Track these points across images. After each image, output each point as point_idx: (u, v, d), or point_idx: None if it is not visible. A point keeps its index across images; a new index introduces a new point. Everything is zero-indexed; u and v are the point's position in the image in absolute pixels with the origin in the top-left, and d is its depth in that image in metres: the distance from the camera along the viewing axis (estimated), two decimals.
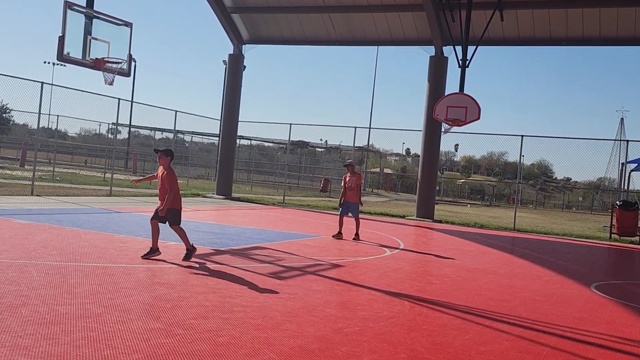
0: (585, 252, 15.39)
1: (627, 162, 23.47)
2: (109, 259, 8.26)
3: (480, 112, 19.27)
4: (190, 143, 47.75)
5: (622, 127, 73.46)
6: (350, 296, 7.15)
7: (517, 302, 7.75)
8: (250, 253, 10.02)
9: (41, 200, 16.46)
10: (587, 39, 21.59)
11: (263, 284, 7.37)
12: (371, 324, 5.90)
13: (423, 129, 22.55)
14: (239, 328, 5.31)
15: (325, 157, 58.61)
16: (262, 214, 18.87)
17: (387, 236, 14.86)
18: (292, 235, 13.44)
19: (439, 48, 22.31)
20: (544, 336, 6.05)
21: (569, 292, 8.86)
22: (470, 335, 5.79)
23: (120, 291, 6.36)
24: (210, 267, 8.31)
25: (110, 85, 14.36)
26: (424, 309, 6.88)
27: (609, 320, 7.07)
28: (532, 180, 73.05)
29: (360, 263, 9.92)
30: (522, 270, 10.81)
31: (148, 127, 42.04)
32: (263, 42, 26.48)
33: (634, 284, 10.50)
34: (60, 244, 9.18)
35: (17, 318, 5.03)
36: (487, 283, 9.02)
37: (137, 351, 4.43)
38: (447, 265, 10.64)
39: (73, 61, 13.64)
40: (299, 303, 6.52)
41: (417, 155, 53.57)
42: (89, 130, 48.25)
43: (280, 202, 25.71)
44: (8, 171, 28.91)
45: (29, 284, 6.29)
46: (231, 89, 26.64)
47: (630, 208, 19.19)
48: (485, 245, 14.78)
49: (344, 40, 25.00)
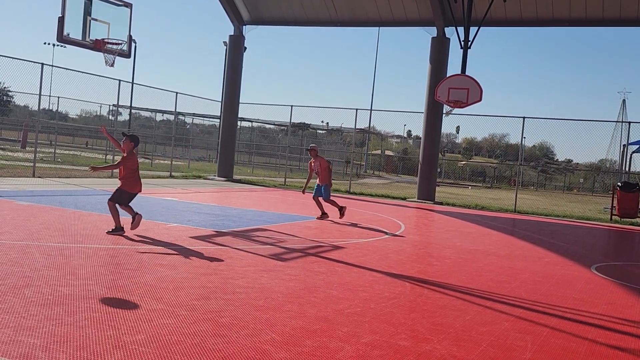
0: (586, 233, 15.42)
1: (628, 143, 23.42)
2: (111, 240, 8.29)
3: (482, 94, 19.19)
4: (191, 125, 47.67)
5: (624, 108, 73.27)
6: (351, 277, 7.19)
7: (518, 283, 7.78)
8: (252, 235, 10.05)
9: (43, 182, 16.48)
10: (590, 20, 21.44)
11: (265, 266, 7.41)
12: (372, 305, 5.94)
13: (424, 111, 22.49)
14: (241, 309, 5.34)
15: (327, 139, 58.52)
16: (264, 196, 18.89)
17: (389, 218, 14.88)
18: (294, 217, 13.46)
19: (441, 29, 22.17)
20: (544, 317, 6.08)
21: (570, 273, 8.89)
22: (471, 316, 5.82)
23: (122, 272, 6.39)
24: (212, 249, 8.34)
25: (111, 67, 14.29)
26: (425, 290, 6.91)
27: (609, 302, 7.10)
28: (534, 162, 72.96)
29: (362, 245, 9.95)
30: (523, 251, 10.84)
31: (149, 109, 41.93)
32: (264, 23, 26.32)
33: (634, 265, 10.53)
34: (62, 225, 9.20)
35: (21, 299, 5.06)
36: (487, 264, 9.05)
37: (139, 332, 4.46)
38: (448, 247, 10.67)
39: (73, 42, 13.56)
40: (300, 284, 6.55)
41: (418, 137, 53.51)
42: (90, 112, 48.21)
43: (282, 184, 25.73)
44: (9, 153, 28.92)
45: (32, 265, 6.32)
46: (232, 71, 26.53)
47: (631, 189, 19.18)
48: (486, 227, 14.81)
49: (345, 21, 24.84)
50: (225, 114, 26.79)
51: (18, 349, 3.91)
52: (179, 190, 17.64)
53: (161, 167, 30.13)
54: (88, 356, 3.88)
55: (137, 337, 4.33)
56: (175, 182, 21.80)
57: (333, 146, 53.64)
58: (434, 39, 22.39)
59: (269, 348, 4.36)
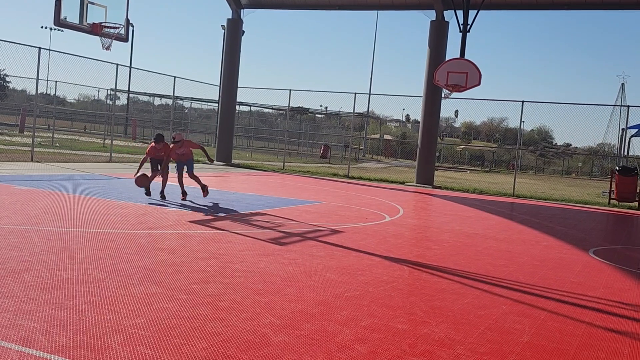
0: (584, 217, 15.45)
1: (627, 127, 23.41)
2: (110, 224, 8.30)
3: (481, 78, 19.14)
4: (190, 109, 47.53)
5: (622, 92, 73.08)
6: (350, 261, 7.21)
7: (516, 266, 7.81)
8: (251, 219, 10.06)
9: (41, 167, 16.46)
10: (590, 3, 21.34)
11: (264, 250, 7.42)
12: (371, 288, 5.96)
13: (423, 95, 22.44)
14: (240, 293, 5.37)
15: (325, 124, 58.44)
16: (262, 180, 18.89)
17: (387, 202, 14.90)
18: (292, 201, 13.47)
19: (440, 12, 22.05)
20: (541, 300, 6.11)
21: (567, 257, 8.93)
22: (469, 300, 5.85)
23: (121, 257, 6.40)
24: (211, 233, 8.35)
25: (108, 51, 14.24)
26: (423, 274, 6.93)
27: (606, 285, 7.13)
28: (532, 146, 72.94)
29: (360, 229, 9.97)
30: (521, 235, 10.87)
31: (147, 93, 41.81)
32: (262, 6, 26.16)
33: (631, 249, 10.57)
34: (61, 209, 9.21)
35: (20, 283, 5.08)
36: (486, 248, 9.08)
37: (139, 315, 4.48)
38: (446, 231, 10.70)
39: (70, 26, 13.50)
40: (299, 268, 6.57)
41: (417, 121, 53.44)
42: (88, 96, 48.02)
43: (280, 169, 25.72)
44: (7, 137, 28.85)
45: (31, 250, 6.33)
46: (230, 55, 26.40)
47: (630, 174, 19.20)
48: (485, 211, 14.84)
49: (344, 4, 24.68)
50: (223, 98, 26.71)
51: (18, 332, 3.93)
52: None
53: None
54: (88, 340, 3.90)
55: (137, 321, 4.35)
56: (174, 166, 21.73)
57: (332, 130, 53.55)
58: (432, 23, 22.28)
59: (267, 331, 4.38)
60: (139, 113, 50.30)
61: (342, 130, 53.27)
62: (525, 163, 65.03)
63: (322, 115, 56.29)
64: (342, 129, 54.36)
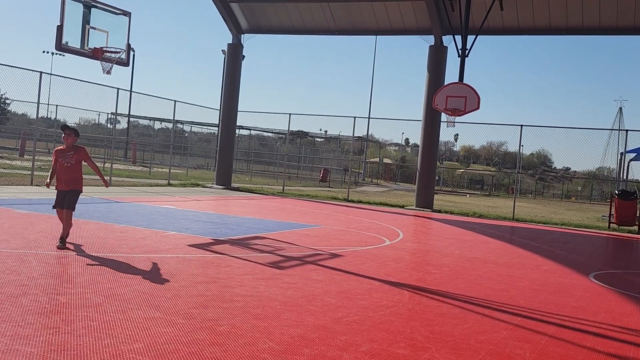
0: (584, 241, 15.42)
1: (626, 151, 23.47)
2: (108, 248, 8.27)
3: (480, 102, 19.24)
4: (190, 133, 47.68)
5: (620, 116, 73.35)
6: (349, 286, 7.17)
7: (516, 291, 7.77)
8: (250, 243, 10.04)
9: (41, 190, 16.45)
10: (587, 29, 21.53)
11: (263, 274, 7.39)
12: (371, 313, 5.92)
13: (422, 119, 22.52)
14: (239, 317, 5.33)
15: (325, 147, 58.56)
16: (262, 204, 18.87)
17: (387, 226, 14.88)
18: (292, 225, 13.45)
19: (439, 37, 22.24)
20: (543, 325, 6.07)
21: (568, 281, 8.89)
22: (470, 325, 5.81)
23: (120, 280, 6.37)
24: (210, 257, 8.33)
25: (109, 75, 14.30)
26: (424, 298, 6.90)
27: (607, 310, 7.09)
28: (531, 170, 73.04)
29: (360, 253, 9.94)
30: (521, 259, 10.83)
31: (147, 117, 41.95)
32: (262, 31, 26.39)
33: (632, 273, 10.53)
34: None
35: (18, 307, 5.05)
36: (486, 272, 9.04)
37: (137, 340, 4.45)
38: (446, 254, 10.67)
39: (71, 51, 13.58)
40: (298, 292, 6.53)
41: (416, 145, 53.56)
42: (88, 120, 48.12)
43: (280, 192, 25.72)
44: (7, 161, 28.89)
45: (29, 274, 6.30)
46: (230, 79, 26.57)
47: (629, 197, 19.21)
48: (485, 235, 14.81)
49: (343, 29, 24.91)
50: (223, 122, 26.81)
51: (15, 357, 3.89)
52: (177, 199, 17.62)
53: (159, 175, 30.12)
54: None
55: (135, 346, 4.32)
56: (174, 190, 21.77)
57: (331, 154, 53.66)
58: (431, 47, 22.46)
59: (266, 357, 4.35)
60: (139, 137, 50.42)
61: (342, 154, 53.38)
62: (524, 187, 65.08)
63: (321, 139, 56.45)
64: (342, 152, 54.47)
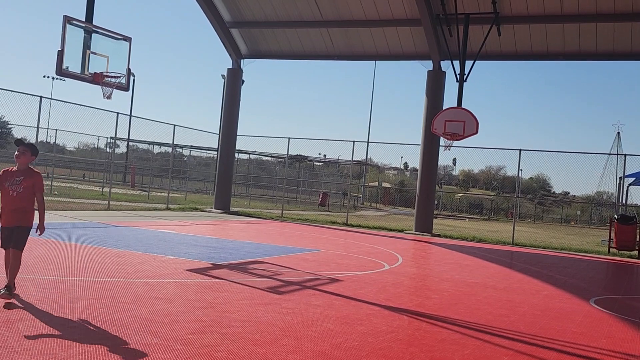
0: (584, 266, 15.36)
1: (625, 176, 23.50)
2: (106, 273, 8.23)
3: (479, 126, 19.35)
4: (189, 157, 47.76)
5: (618, 140, 73.67)
6: (349, 311, 7.13)
7: (516, 316, 7.72)
8: (249, 267, 9.99)
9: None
10: (584, 54, 21.72)
11: (261, 299, 7.35)
12: (370, 339, 5.88)
13: (421, 143, 22.59)
14: (237, 343, 5.29)
15: (324, 171, 58.66)
16: (261, 228, 18.83)
17: (386, 250, 14.83)
18: (291, 249, 13.40)
19: (437, 63, 22.40)
20: (543, 351, 6.02)
21: (568, 306, 8.84)
22: (470, 350, 5.77)
23: (117, 306, 6.33)
24: (209, 282, 8.28)
25: (108, 99, 14.37)
26: (423, 323, 6.85)
27: (608, 335, 7.04)
28: (531, 194, 73.05)
29: (359, 277, 9.89)
30: (521, 284, 10.78)
31: (146, 141, 42.04)
32: (262, 56, 26.60)
33: (633, 298, 10.48)
34: (57, 258, 9.15)
35: (14, 333, 5.00)
36: (486, 297, 8.99)
37: None
38: (446, 279, 10.62)
39: (72, 75, 13.67)
40: (297, 318, 6.49)
41: (415, 169, 53.67)
42: (88, 144, 48.21)
43: (279, 216, 25.68)
44: None
45: (26, 299, 6.25)
46: (230, 103, 26.70)
47: (629, 222, 19.18)
48: (484, 260, 14.75)
49: (342, 54, 25.11)
50: (222, 146, 26.88)
51: None
52: (176, 223, 17.58)
53: (158, 199, 30.10)
54: None
55: None
56: (172, 214, 21.74)
57: (330, 178, 53.72)
58: (430, 73, 22.61)
59: None
60: (138, 161, 50.49)
61: (341, 178, 53.46)
62: (523, 211, 65.03)
63: (320, 163, 56.54)
64: (341, 176, 54.55)
